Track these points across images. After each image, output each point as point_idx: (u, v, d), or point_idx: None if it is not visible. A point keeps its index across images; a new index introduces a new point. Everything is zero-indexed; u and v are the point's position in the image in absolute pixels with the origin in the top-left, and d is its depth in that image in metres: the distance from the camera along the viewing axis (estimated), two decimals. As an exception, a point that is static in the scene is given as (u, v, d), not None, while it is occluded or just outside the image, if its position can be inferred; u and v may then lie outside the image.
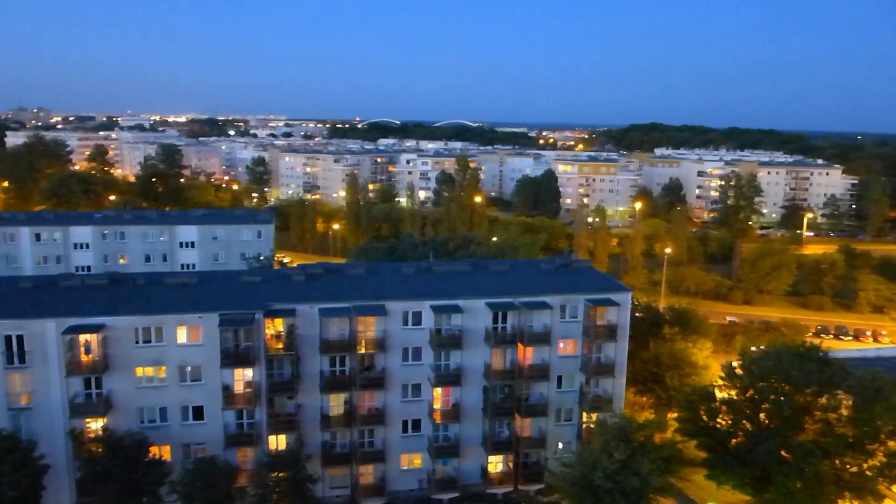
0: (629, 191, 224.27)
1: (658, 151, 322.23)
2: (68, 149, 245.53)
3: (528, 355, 61.62)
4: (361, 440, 60.25)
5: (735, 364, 61.43)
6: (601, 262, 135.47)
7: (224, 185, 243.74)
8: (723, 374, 62.25)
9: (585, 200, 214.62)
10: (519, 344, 60.74)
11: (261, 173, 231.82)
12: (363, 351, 58.85)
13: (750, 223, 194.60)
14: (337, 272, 68.12)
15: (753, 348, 67.20)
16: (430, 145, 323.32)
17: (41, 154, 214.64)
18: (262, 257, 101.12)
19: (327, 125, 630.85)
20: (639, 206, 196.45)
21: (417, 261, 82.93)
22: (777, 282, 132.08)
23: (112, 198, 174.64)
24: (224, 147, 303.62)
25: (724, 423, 59.26)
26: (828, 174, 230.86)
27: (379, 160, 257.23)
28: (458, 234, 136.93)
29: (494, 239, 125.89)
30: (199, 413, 56.59)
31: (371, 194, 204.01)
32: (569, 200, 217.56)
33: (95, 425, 54.51)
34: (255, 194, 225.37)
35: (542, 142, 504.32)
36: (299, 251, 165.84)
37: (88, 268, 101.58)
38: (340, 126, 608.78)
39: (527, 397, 62.33)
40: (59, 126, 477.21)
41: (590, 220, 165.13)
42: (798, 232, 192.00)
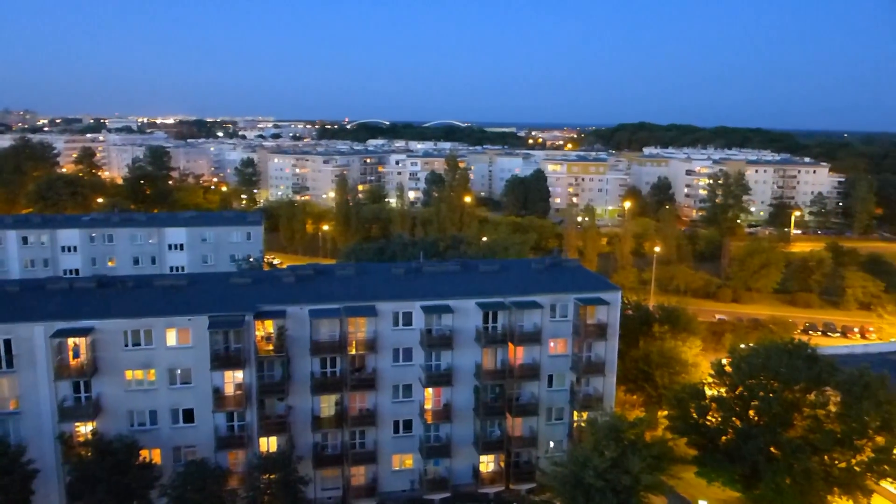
0: (618, 190, 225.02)
1: (647, 150, 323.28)
2: (55, 151, 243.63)
3: (519, 355, 61.73)
4: (353, 441, 60.16)
5: (724, 362, 61.85)
6: (591, 261, 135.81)
7: (213, 186, 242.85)
8: (712, 372, 62.68)
9: (575, 200, 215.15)
10: (509, 343, 60.84)
11: (250, 175, 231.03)
12: (354, 352, 58.76)
13: (738, 221, 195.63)
14: (327, 273, 68.05)
15: (742, 346, 67.58)
16: (419, 146, 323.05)
17: (28, 157, 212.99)
18: (251, 259, 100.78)
19: (316, 126, 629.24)
20: (628, 205, 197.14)
21: (407, 261, 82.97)
22: (765, 279, 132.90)
23: (100, 200, 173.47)
24: (212, 148, 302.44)
25: (713, 420, 59.61)
26: (815, 172, 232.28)
27: (368, 161, 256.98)
28: (447, 234, 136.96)
29: (484, 239, 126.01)
30: (189, 416, 56.40)
31: (360, 195, 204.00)
32: (558, 200, 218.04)
33: (85, 429, 54.25)
34: (244, 196, 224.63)
35: (531, 142, 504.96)
36: (289, 252, 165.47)
37: (76, 271, 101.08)
38: (329, 127, 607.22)
39: (518, 397, 62.45)
40: (46, 128, 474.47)
41: (579, 219, 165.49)
42: (786, 230, 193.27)
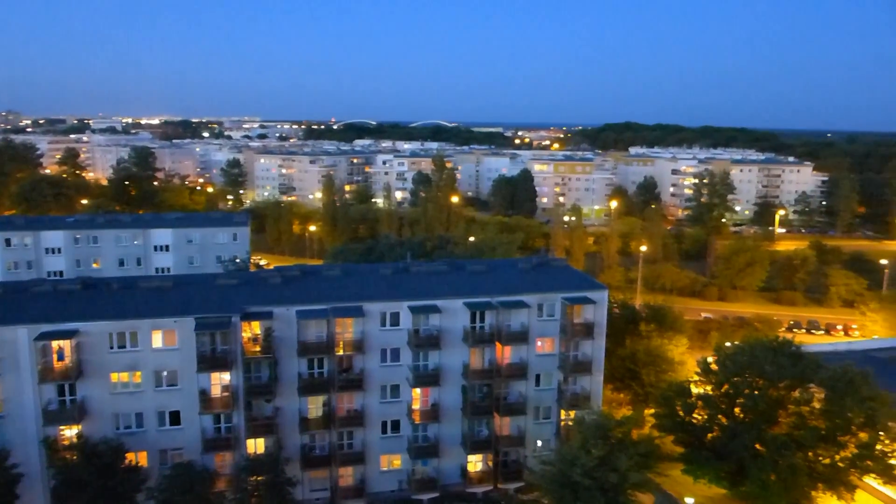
0: (605, 190, 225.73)
1: (633, 150, 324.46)
2: (38, 152, 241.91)
3: (507, 354, 61.89)
4: (340, 442, 60.10)
5: (710, 360, 62.28)
6: (578, 260, 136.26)
7: (199, 187, 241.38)
8: (698, 370, 63.13)
9: (561, 199, 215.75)
10: (497, 343, 60.97)
11: (236, 175, 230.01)
12: (341, 353, 58.69)
13: (723, 220, 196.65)
14: (314, 274, 67.92)
15: (728, 344, 67.99)
16: (406, 146, 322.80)
17: (11, 158, 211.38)
18: (237, 260, 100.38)
19: (302, 126, 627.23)
20: (614, 204, 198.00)
21: (395, 261, 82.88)
22: (750, 278, 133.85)
23: (84, 201, 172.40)
24: (198, 149, 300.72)
25: (700, 417, 60.03)
26: (799, 171, 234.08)
27: (355, 161, 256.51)
28: (435, 234, 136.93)
29: (472, 239, 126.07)
30: (175, 418, 56.09)
31: (347, 195, 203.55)
32: (545, 200, 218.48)
33: (70, 432, 53.83)
34: (230, 196, 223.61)
35: (517, 141, 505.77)
36: (276, 253, 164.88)
37: (61, 273, 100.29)
38: (316, 127, 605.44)
39: (505, 396, 62.58)
40: (29, 129, 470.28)
41: (566, 219, 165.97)
42: (770, 229, 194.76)
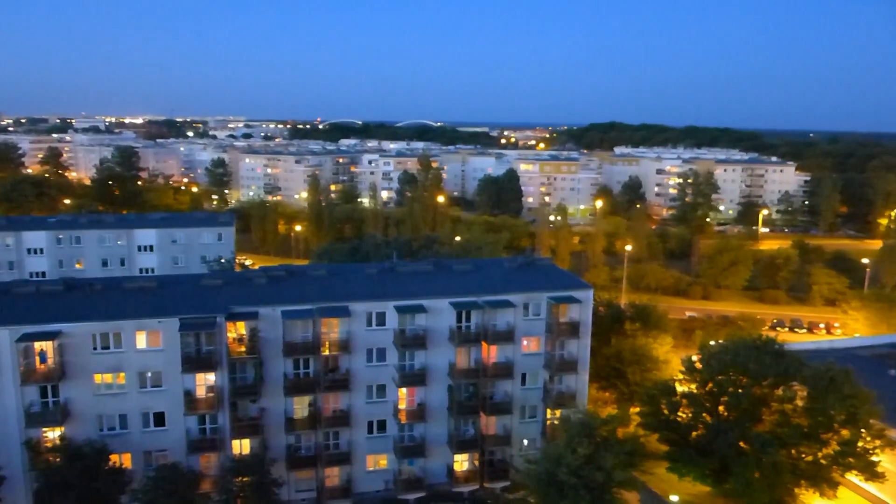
0: (590, 189, 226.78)
1: (618, 150, 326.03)
2: (20, 152, 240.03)
3: (493, 354, 61.97)
4: (326, 442, 59.95)
5: (695, 358, 62.68)
6: (563, 259, 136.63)
7: (183, 187, 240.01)
8: (683, 369, 63.53)
9: (547, 199, 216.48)
10: (483, 342, 61.05)
11: (221, 175, 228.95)
12: (327, 353, 58.57)
13: (708, 220, 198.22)
14: (299, 274, 67.67)
15: (712, 342, 68.43)
16: (392, 145, 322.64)
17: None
18: (222, 260, 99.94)
19: (288, 126, 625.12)
20: (599, 204, 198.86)
21: (380, 261, 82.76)
22: (734, 277, 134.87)
23: (67, 201, 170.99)
24: (182, 149, 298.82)
25: (684, 416, 60.41)
26: (782, 171, 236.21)
27: (341, 161, 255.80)
28: (421, 234, 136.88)
29: (457, 238, 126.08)
30: (160, 419, 55.73)
31: (333, 195, 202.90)
32: (531, 199, 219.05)
33: (53, 434, 53.34)
34: (215, 196, 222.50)
35: (503, 141, 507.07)
36: (261, 253, 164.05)
37: (43, 273, 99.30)
38: (301, 127, 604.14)
39: (491, 395, 62.69)
40: (11, 129, 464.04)
41: (552, 218, 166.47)
42: (754, 228, 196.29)
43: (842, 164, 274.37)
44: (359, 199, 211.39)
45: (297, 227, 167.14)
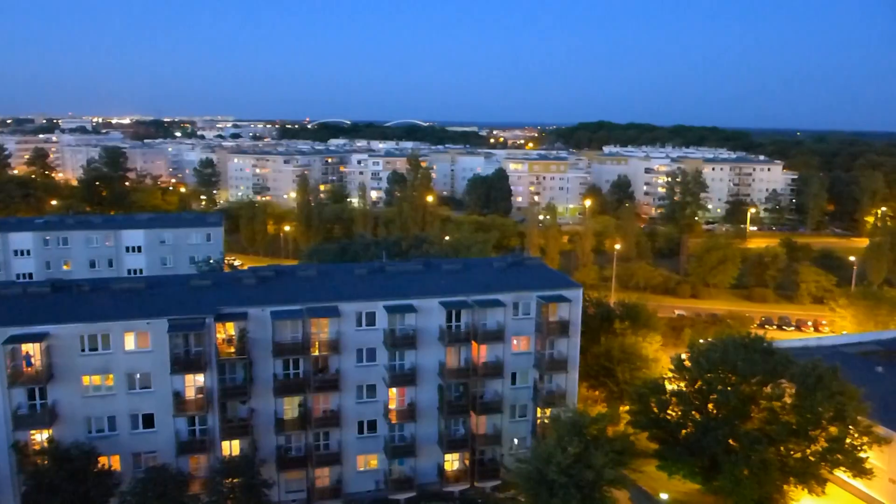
0: (579, 188, 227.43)
1: (606, 149, 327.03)
2: (6, 152, 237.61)
3: (483, 353, 62.04)
4: (317, 443, 59.84)
5: (684, 356, 62.86)
6: (552, 259, 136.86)
7: (171, 187, 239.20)
8: (672, 367, 63.72)
9: (536, 198, 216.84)
10: (473, 342, 61.09)
11: (209, 175, 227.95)
12: (317, 353, 58.46)
13: (696, 218, 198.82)
14: (289, 274, 67.55)
15: (701, 341, 68.78)
16: (381, 145, 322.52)
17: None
18: (211, 261, 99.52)
19: (276, 126, 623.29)
20: (588, 203, 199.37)
21: (370, 261, 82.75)
22: (723, 275, 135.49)
23: (54, 202, 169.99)
24: (170, 149, 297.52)
25: (674, 414, 60.63)
26: (769, 170, 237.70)
27: (330, 161, 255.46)
28: (410, 233, 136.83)
29: (447, 238, 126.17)
30: (149, 421, 55.46)
31: (322, 195, 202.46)
32: (520, 199, 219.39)
33: (40, 437, 53.00)
34: (203, 197, 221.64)
35: (492, 141, 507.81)
36: (250, 254, 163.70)
37: (30, 275, 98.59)
38: (290, 127, 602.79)
39: (481, 395, 62.75)
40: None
41: (541, 217, 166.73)
42: (742, 226, 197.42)
43: (828, 163, 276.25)
44: (348, 199, 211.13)
45: (286, 228, 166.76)
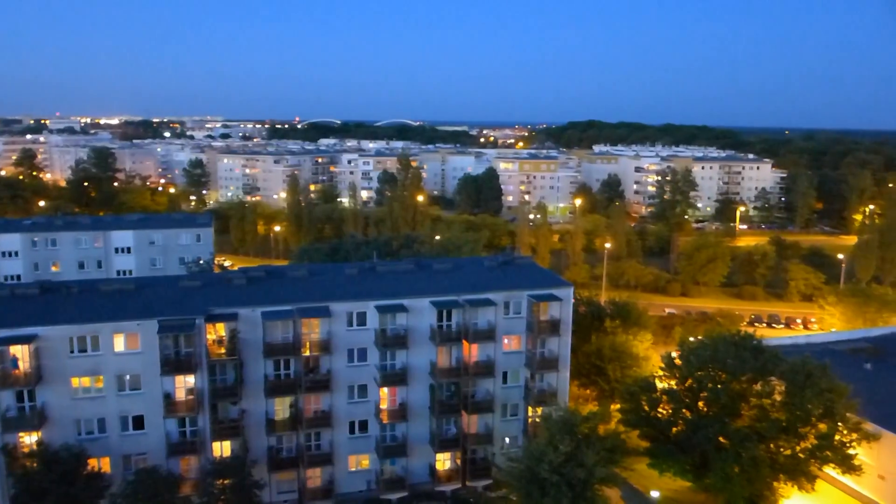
0: (569, 187, 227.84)
1: (596, 148, 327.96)
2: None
3: (474, 352, 62.03)
4: (308, 443, 59.69)
5: (674, 354, 63.08)
6: (543, 258, 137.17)
7: (160, 188, 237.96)
8: (663, 365, 63.94)
9: (527, 197, 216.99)
10: (464, 341, 61.09)
11: (198, 175, 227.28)
12: (308, 353, 58.29)
13: (686, 217, 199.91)
14: (279, 274, 67.33)
15: (691, 339, 69.10)
16: (371, 145, 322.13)
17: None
18: (201, 261, 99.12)
19: (266, 126, 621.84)
20: (579, 202, 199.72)
21: (361, 261, 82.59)
22: (712, 273, 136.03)
23: (42, 204, 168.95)
24: (160, 149, 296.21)
25: (664, 412, 60.88)
26: (758, 168, 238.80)
27: (320, 160, 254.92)
28: (401, 233, 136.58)
29: (438, 238, 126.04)
30: (139, 422, 55.17)
31: (312, 195, 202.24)
32: (510, 198, 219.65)
33: (29, 439, 52.62)
34: (192, 197, 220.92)
35: (482, 140, 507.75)
36: (240, 254, 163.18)
37: (18, 277, 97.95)
38: (280, 127, 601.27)
39: (473, 394, 62.77)
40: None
41: (531, 216, 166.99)
42: (731, 225, 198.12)
43: (817, 161, 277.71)
44: (338, 199, 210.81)
45: (277, 228, 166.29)
